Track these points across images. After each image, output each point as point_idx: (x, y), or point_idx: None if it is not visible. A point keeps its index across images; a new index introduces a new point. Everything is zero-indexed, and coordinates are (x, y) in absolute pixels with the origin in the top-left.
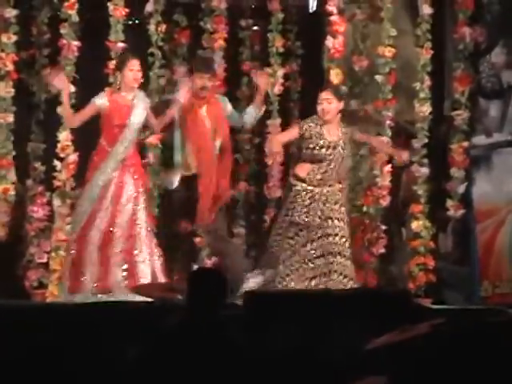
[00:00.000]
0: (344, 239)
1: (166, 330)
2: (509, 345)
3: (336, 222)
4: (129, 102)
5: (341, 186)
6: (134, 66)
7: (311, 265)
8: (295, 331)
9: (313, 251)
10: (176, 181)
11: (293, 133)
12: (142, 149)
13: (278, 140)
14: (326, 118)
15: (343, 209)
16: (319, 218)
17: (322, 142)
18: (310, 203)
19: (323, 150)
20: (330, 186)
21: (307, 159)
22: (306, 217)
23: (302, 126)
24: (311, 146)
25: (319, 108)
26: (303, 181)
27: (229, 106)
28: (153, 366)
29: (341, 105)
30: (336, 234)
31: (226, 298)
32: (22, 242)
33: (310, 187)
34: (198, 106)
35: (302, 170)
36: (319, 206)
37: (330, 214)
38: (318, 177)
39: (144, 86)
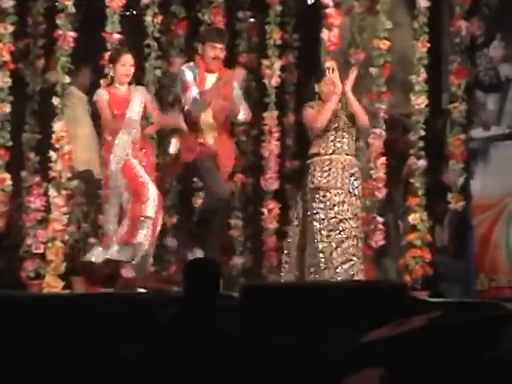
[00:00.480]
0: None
1: (161, 321)
2: (504, 338)
3: (353, 200)
4: (125, 94)
5: (354, 160)
6: (126, 61)
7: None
8: (291, 324)
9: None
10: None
11: (312, 114)
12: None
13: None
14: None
15: (358, 182)
16: (340, 182)
17: None
18: (330, 168)
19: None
20: (346, 154)
21: (314, 137)
22: (327, 180)
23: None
24: None
25: (325, 90)
26: (318, 154)
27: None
28: (149, 357)
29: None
30: (351, 218)
31: (219, 288)
32: (18, 232)
33: (326, 156)
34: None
35: (315, 147)
36: (338, 171)
37: (349, 187)
38: (331, 145)
39: (140, 78)
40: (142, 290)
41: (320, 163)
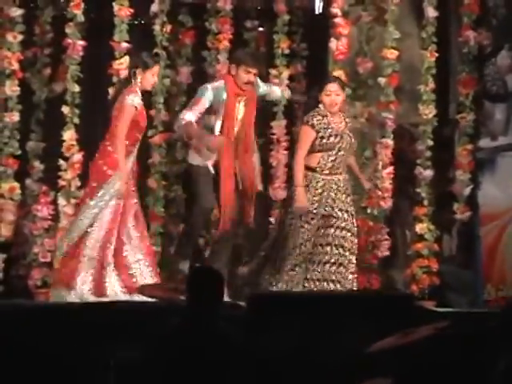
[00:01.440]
0: (350, 233)
1: (166, 330)
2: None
3: (345, 215)
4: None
5: (346, 176)
6: (156, 71)
7: (322, 250)
8: (298, 333)
9: (324, 238)
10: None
11: (310, 137)
12: (146, 148)
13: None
14: (334, 109)
15: (350, 199)
16: (330, 207)
17: (330, 131)
18: (322, 191)
19: (332, 139)
20: (340, 173)
21: (317, 150)
22: (318, 206)
23: (312, 122)
24: (320, 135)
25: (327, 99)
26: (314, 170)
27: (261, 86)
28: (153, 365)
29: (344, 95)
30: (344, 228)
31: (223, 297)
32: (25, 241)
33: (321, 176)
34: (237, 100)
35: (313, 160)
36: (330, 195)
37: (340, 205)
38: (329, 165)
39: None
40: (138, 298)
41: (314, 181)
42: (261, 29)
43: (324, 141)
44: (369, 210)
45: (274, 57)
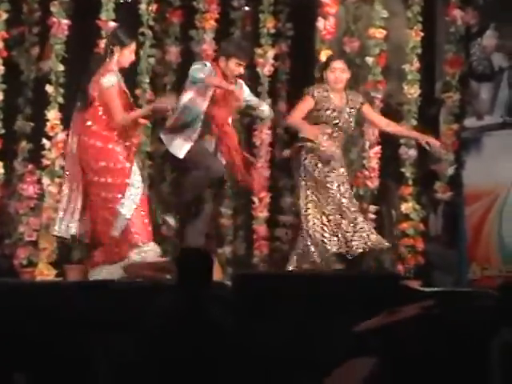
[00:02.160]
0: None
1: (153, 309)
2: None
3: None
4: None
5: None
6: (132, 48)
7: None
8: (283, 313)
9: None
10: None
11: (307, 104)
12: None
13: (296, 120)
14: (338, 86)
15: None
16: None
17: (328, 105)
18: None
19: (328, 112)
20: (336, 148)
21: (312, 122)
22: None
23: (313, 92)
24: (318, 107)
25: (331, 76)
26: (311, 141)
27: (246, 90)
28: (141, 345)
29: (349, 74)
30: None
31: (212, 278)
32: (11, 220)
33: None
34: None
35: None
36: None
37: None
38: (325, 138)
39: (134, 66)
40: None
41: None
42: (247, 8)
43: (321, 113)
44: (355, 190)
45: (259, 36)
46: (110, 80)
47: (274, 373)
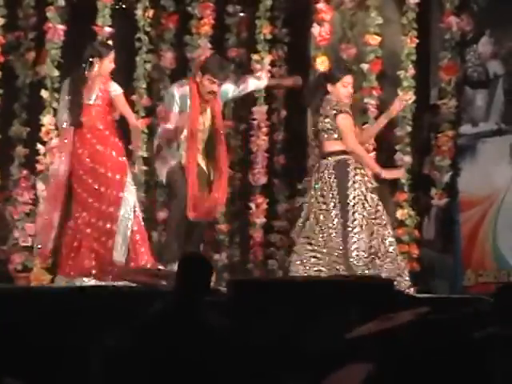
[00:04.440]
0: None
1: (150, 315)
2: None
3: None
4: None
5: None
6: (111, 57)
7: None
8: (278, 319)
9: None
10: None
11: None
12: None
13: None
14: (348, 101)
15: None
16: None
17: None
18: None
19: None
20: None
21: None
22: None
23: (347, 110)
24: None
25: (343, 91)
26: (347, 153)
27: (228, 91)
28: (136, 351)
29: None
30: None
31: (210, 285)
32: (6, 225)
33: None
34: (200, 109)
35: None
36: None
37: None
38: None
39: (130, 71)
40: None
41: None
42: (242, 14)
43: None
44: None
45: (255, 42)
46: (116, 88)
47: (269, 378)
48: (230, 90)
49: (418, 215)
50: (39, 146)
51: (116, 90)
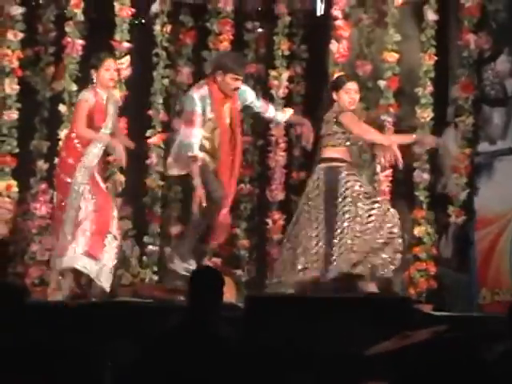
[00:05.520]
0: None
1: (165, 330)
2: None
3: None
4: (105, 106)
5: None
6: (110, 65)
7: None
8: (295, 335)
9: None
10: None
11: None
12: (144, 149)
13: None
14: (351, 108)
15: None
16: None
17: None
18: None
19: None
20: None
21: (343, 144)
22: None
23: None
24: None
25: (346, 97)
26: (345, 161)
27: (249, 96)
28: (150, 364)
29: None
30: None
31: (222, 299)
32: (23, 238)
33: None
34: (223, 107)
35: (339, 153)
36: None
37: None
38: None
39: (148, 86)
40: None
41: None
42: (261, 30)
43: (347, 135)
44: None
45: (273, 58)
46: (84, 94)
47: None
48: (249, 94)
49: (436, 233)
50: (57, 160)
51: (84, 95)
